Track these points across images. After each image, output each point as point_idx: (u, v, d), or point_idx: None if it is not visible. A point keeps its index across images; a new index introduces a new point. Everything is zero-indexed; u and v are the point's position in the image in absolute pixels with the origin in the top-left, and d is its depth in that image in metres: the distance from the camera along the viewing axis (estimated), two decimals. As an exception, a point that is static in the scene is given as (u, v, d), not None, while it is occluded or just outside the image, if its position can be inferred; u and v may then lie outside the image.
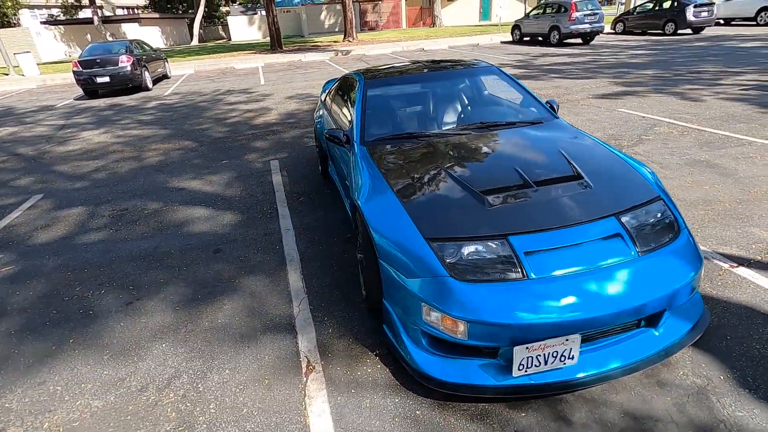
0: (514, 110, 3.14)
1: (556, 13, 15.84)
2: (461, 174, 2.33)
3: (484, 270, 1.83)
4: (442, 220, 2.03)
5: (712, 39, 14.63)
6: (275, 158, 5.45)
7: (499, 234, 1.92)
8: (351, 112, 3.24)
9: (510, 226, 1.95)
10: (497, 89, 3.37)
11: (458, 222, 2.01)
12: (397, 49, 18.09)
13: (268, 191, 4.42)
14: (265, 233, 3.54)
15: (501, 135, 2.78)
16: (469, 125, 2.93)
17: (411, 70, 3.40)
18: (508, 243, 1.89)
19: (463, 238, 1.92)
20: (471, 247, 1.89)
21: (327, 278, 2.86)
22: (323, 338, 2.32)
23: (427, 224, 2.00)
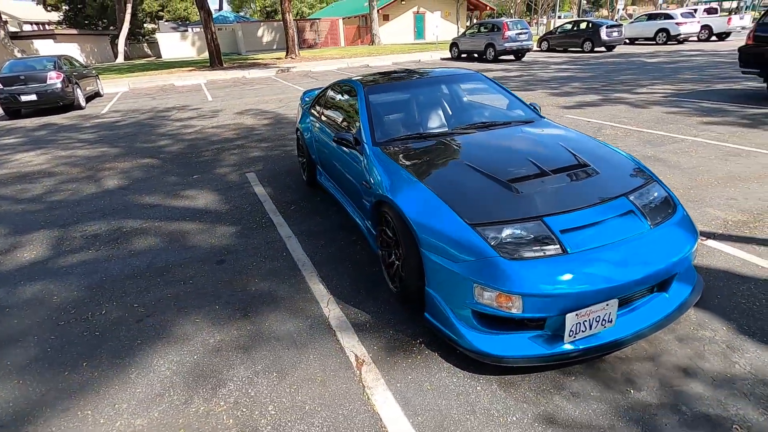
0: (507, 111, 3.41)
1: (490, 32, 17.03)
2: (481, 166, 2.50)
3: (527, 249, 1.99)
4: (478, 207, 2.18)
5: (623, 56, 16.50)
6: (250, 171, 5.34)
7: (535, 216, 2.10)
8: (354, 117, 3.32)
9: (541, 209, 2.14)
10: (485, 93, 3.63)
11: (494, 208, 2.16)
12: (342, 66, 18.38)
13: (255, 202, 4.33)
14: (266, 241, 3.48)
15: (503, 132, 3.01)
16: (471, 125, 3.13)
17: (406, 78, 3.57)
18: (544, 223, 2.07)
19: (503, 222, 2.08)
20: (511, 229, 2.05)
21: (346, 279, 2.88)
22: (363, 333, 2.35)
23: (467, 211, 2.13)
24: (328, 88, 4.08)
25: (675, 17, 20.03)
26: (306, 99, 4.81)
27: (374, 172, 2.71)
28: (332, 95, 3.96)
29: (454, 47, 19.27)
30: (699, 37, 20.68)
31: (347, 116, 3.51)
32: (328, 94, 4.00)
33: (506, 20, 16.65)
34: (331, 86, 4.05)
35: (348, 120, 3.46)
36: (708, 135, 5.57)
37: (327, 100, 3.97)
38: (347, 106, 3.59)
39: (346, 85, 3.73)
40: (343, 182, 3.46)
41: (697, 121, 6.33)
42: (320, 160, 4.04)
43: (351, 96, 3.56)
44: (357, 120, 3.23)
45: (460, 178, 2.43)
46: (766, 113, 6.50)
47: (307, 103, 4.58)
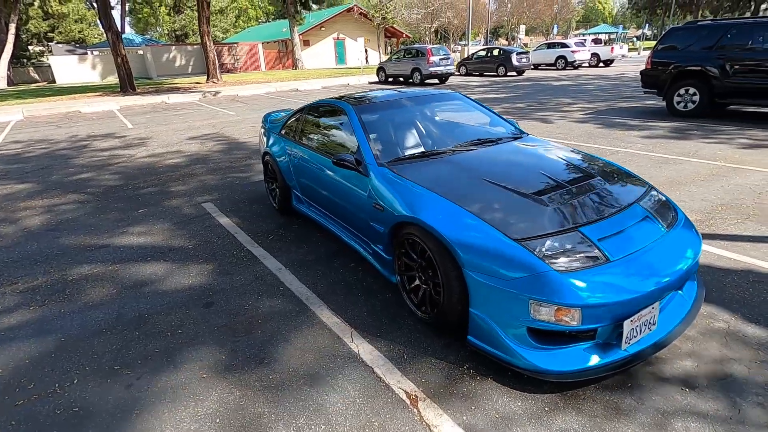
0: (495, 127, 3.49)
1: (415, 57, 17.83)
2: (500, 181, 2.51)
3: (574, 260, 2.00)
4: (516, 221, 2.16)
5: (533, 79, 18.23)
6: (206, 201, 4.87)
7: (572, 227, 2.13)
8: (346, 139, 3.18)
9: (574, 219, 2.18)
10: (467, 111, 3.69)
11: (531, 221, 2.16)
12: (271, 90, 17.96)
13: (225, 234, 3.93)
14: (255, 277, 3.14)
15: (503, 148, 3.07)
16: (470, 142, 3.15)
17: (392, 98, 3.52)
18: (582, 233, 2.10)
19: (545, 235, 2.07)
20: (553, 242, 2.05)
21: (361, 309, 2.69)
22: (404, 366, 2.18)
23: (507, 227, 2.10)
24: (304, 110, 3.89)
25: (570, 46, 22.71)
26: (271, 122, 4.54)
27: (386, 194, 2.59)
28: (313, 117, 3.77)
29: (381, 71, 19.84)
30: (590, 63, 23.59)
31: (337, 138, 3.36)
32: (307, 117, 3.80)
33: (429, 47, 17.58)
34: (307, 108, 3.87)
35: (339, 142, 3.31)
36: (636, 147, 6.26)
37: (306, 123, 3.77)
38: (335, 128, 3.44)
39: (330, 106, 3.58)
40: (336, 207, 3.27)
41: (622, 134, 7.11)
42: (300, 185, 3.80)
43: (338, 117, 3.41)
44: (351, 142, 3.10)
45: (486, 194, 2.40)
46: (675, 126, 7.50)
47: (275, 126, 4.32)
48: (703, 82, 7.78)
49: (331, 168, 3.15)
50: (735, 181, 4.64)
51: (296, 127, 3.86)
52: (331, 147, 3.34)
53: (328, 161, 3.21)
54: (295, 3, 26.78)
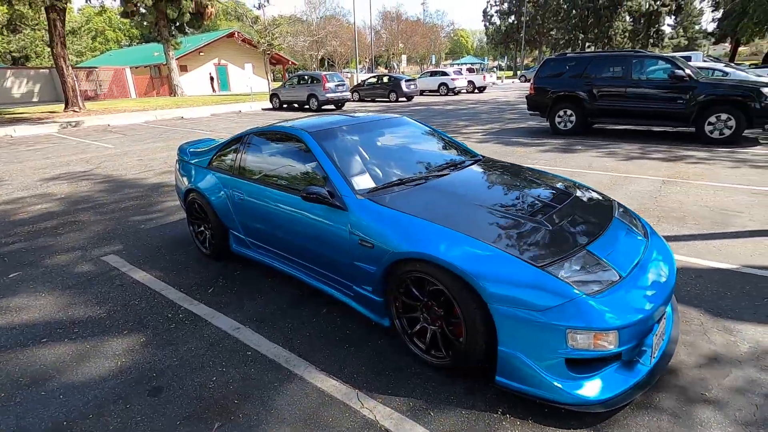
0: (454, 150, 3.44)
1: (310, 84, 17.68)
2: (492, 205, 2.42)
3: (595, 281, 1.96)
4: (529, 247, 2.06)
5: (423, 104, 19.41)
6: (107, 254, 3.96)
7: (579, 246, 2.11)
8: (306, 169, 2.83)
9: (576, 239, 2.17)
10: (420, 135, 3.59)
11: (542, 246, 2.09)
12: (150, 118, 16.12)
13: (147, 294, 3.19)
14: (208, 343, 2.55)
15: (475, 171, 3.01)
16: (440, 167, 3.03)
17: (348, 123, 3.25)
18: (589, 252, 2.10)
19: (561, 258, 2.01)
20: (570, 264, 2.00)
21: (356, 363, 2.33)
22: (435, 425, 1.89)
23: (524, 253, 1.99)
24: (243, 139, 3.38)
25: (450, 74, 24.85)
26: (191, 154, 3.90)
27: (376, 229, 2.31)
28: (257, 147, 3.29)
29: (274, 98, 19.23)
30: (467, 90, 26.06)
31: (293, 170, 2.96)
32: (249, 147, 3.31)
33: (324, 73, 17.61)
34: (246, 137, 3.37)
35: (296, 174, 2.92)
36: (541, 162, 6.90)
37: (249, 154, 3.28)
38: (289, 158, 3.04)
39: (279, 133, 3.18)
40: (300, 248, 2.85)
41: (524, 151, 7.80)
42: (244, 226, 3.27)
43: (291, 145, 3.04)
44: (313, 173, 2.76)
45: (486, 220, 2.28)
46: (562, 143, 8.49)
47: (200, 159, 3.71)
48: (577, 105, 9.01)
49: (294, 204, 2.76)
50: (631, 188, 5.33)
51: (234, 158, 3.34)
52: (289, 180, 2.94)
53: (288, 196, 2.81)
54: (168, 26, 24.76)
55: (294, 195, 2.78)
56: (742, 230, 3.87)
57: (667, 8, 51.32)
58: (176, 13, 23.40)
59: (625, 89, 8.33)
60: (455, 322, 2.12)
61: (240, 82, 34.37)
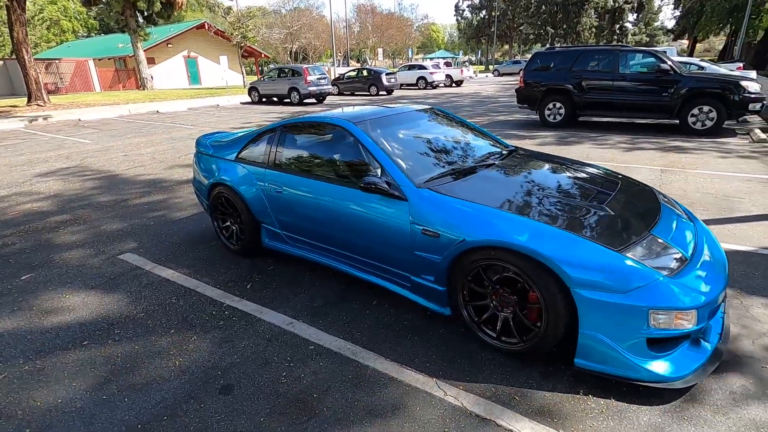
0: (491, 141, 3.46)
1: (292, 77, 17.35)
2: (552, 193, 2.48)
3: (669, 263, 2.04)
4: (600, 231, 2.12)
5: (405, 97, 19.43)
6: (124, 252, 3.79)
7: (645, 231, 2.19)
8: (355, 160, 2.79)
9: (640, 224, 2.25)
10: (451, 126, 3.59)
11: (613, 231, 2.15)
12: (123, 113, 15.42)
13: (181, 292, 3.07)
14: (266, 339, 2.49)
15: (520, 161, 3.05)
16: (484, 156, 3.05)
17: (385, 113, 3.22)
18: (654, 236, 2.18)
19: (633, 242, 2.08)
20: (641, 248, 2.07)
21: (424, 351, 2.33)
22: (523, 408, 1.92)
23: (600, 238, 2.05)
24: (277, 130, 3.28)
25: (428, 68, 24.96)
26: (213, 146, 3.76)
27: (442, 218, 2.30)
28: (296, 137, 3.21)
29: (253, 91, 18.77)
30: (445, 84, 26.25)
31: (339, 161, 2.92)
32: (286, 138, 3.21)
33: (305, 66, 17.32)
34: (281, 128, 3.27)
35: (344, 165, 2.87)
36: (540, 154, 7.05)
37: (286, 145, 3.19)
38: (334, 149, 2.99)
39: (320, 124, 3.12)
40: (349, 240, 2.80)
41: (520, 144, 7.94)
42: (280, 219, 3.20)
43: (336, 136, 2.99)
44: (361, 163, 2.73)
45: (551, 207, 2.33)
46: (555, 135, 8.69)
47: (224, 151, 3.59)
48: (566, 98, 9.25)
49: (344, 195, 2.72)
50: (634, 177, 5.52)
51: (269, 150, 3.25)
52: (335, 171, 2.89)
53: (336, 188, 2.77)
54: (135, 15, 23.65)
55: (342, 186, 2.75)
56: (748, 215, 4.10)
57: (630, 5, 53.22)
58: (146, 2, 22.38)
59: (613, 82, 8.62)
60: (530, 308, 2.16)
61: (212, 76, 33.33)
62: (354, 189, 2.67)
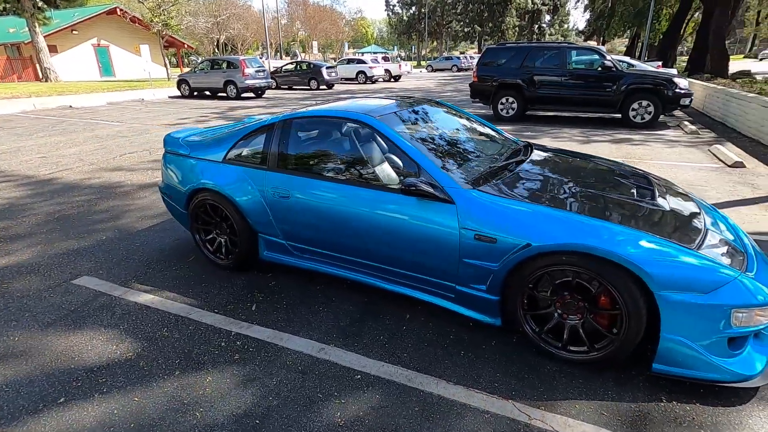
0: (503, 137, 3.30)
1: (227, 69, 16.18)
2: (601, 191, 2.39)
3: (736, 259, 2.01)
4: (668, 230, 2.05)
5: (348, 92, 19.00)
6: (77, 275, 3.13)
7: (702, 227, 2.16)
8: (377, 158, 2.49)
9: (694, 220, 2.22)
10: (460, 120, 3.39)
11: (675, 228, 2.09)
12: (27, 107, 13.40)
13: (173, 321, 2.56)
14: (299, 373, 2.11)
15: (548, 158, 2.94)
16: (509, 153, 2.88)
17: (407, 107, 2.93)
18: (711, 231, 2.15)
19: (700, 240, 2.03)
20: (708, 245, 2.02)
21: (485, 370, 2.11)
22: (611, 422, 1.78)
23: (671, 237, 1.97)
24: (276, 126, 2.84)
25: (367, 62, 24.70)
26: (189, 146, 3.21)
27: (497, 222, 2.10)
28: (303, 134, 2.80)
29: (183, 84, 17.24)
30: (384, 78, 26.18)
31: (362, 160, 2.59)
32: (290, 134, 2.79)
33: (242, 58, 16.23)
34: (282, 123, 2.83)
35: (367, 165, 2.55)
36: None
37: (291, 143, 2.77)
38: (353, 147, 2.65)
39: (333, 119, 2.76)
40: (376, 249, 2.49)
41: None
42: (286, 226, 2.79)
43: (356, 132, 2.66)
44: (383, 162, 2.45)
45: (609, 206, 2.23)
46: (510, 129, 8.88)
47: (210, 151, 3.06)
48: (518, 92, 9.52)
49: (372, 199, 2.40)
50: (601, 169, 5.76)
51: (269, 149, 2.81)
52: (358, 172, 2.55)
53: (364, 191, 2.45)
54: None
55: (371, 189, 2.43)
56: (718, 201, 4.40)
57: (547, 7, 57.14)
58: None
59: (562, 78, 9.01)
60: (600, 314, 2.03)
61: (128, 67, 30.27)
62: (387, 192, 2.38)
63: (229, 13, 32.13)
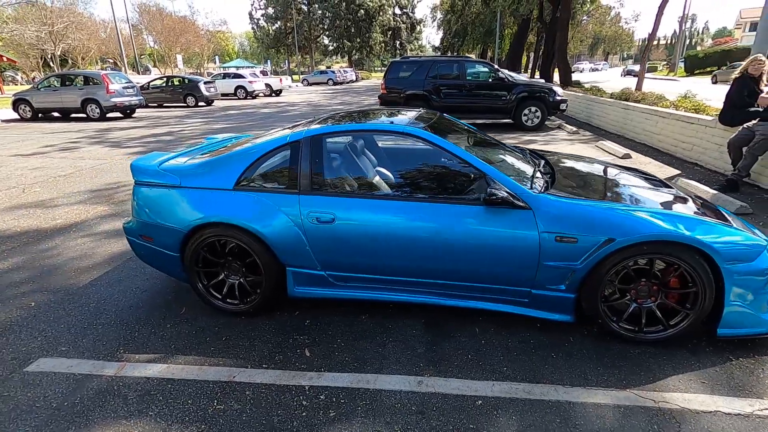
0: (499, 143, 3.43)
1: (85, 86, 13.75)
2: (628, 185, 2.66)
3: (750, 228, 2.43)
4: (705, 213, 2.39)
5: (232, 108, 17.81)
6: (30, 358, 2.32)
7: (715, 207, 2.57)
8: (436, 171, 2.40)
9: (701, 201, 2.64)
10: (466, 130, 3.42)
11: (704, 210, 2.45)
12: None
13: (214, 392, 2.06)
14: (416, 413, 1.89)
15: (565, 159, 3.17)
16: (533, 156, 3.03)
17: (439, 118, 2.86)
18: (719, 211, 2.57)
19: (725, 217, 2.41)
20: (734, 222, 2.42)
21: (593, 367, 2.17)
22: (720, 391, 1.99)
23: (718, 220, 2.28)
24: (301, 145, 2.46)
25: (246, 77, 23.52)
26: (171, 174, 2.61)
27: (576, 222, 2.19)
28: (338, 151, 2.51)
29: (23, 105, 14.10)
30: (265, 93, 25.22)
31: (415, 174, 2.44)
32: (322, 152, 2.45)
33: (104, 72, 13.98)
34: (310, 139, 2.48)
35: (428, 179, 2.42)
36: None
37: (325, 162, 2.45)
38: (400, 161, 2.48)
39: (372, 131, 2.55)
40: (440, 265, 2.36)
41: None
42: (326, 255, 2.47)
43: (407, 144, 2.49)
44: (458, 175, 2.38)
45: (647, 196, 2.51)
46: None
47: (212, 178, 2.54)
48: (427, 102, 10.08)
49: (449, 214, 2.30)
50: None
51: (298, 169, 2.44)
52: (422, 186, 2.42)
53: (432, 206, 2.33)
54: None
55: (438, 203, 2.33)
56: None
57: (405, 25, 61.71)
58: None
59: (463, 89, 9.82)
60: (673, 294, 2.25)
61: None
62: (459, 205, 2.30)
63: (67, 21, 27.15)
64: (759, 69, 4.79)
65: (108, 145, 9.14)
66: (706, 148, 6.05)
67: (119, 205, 5.01)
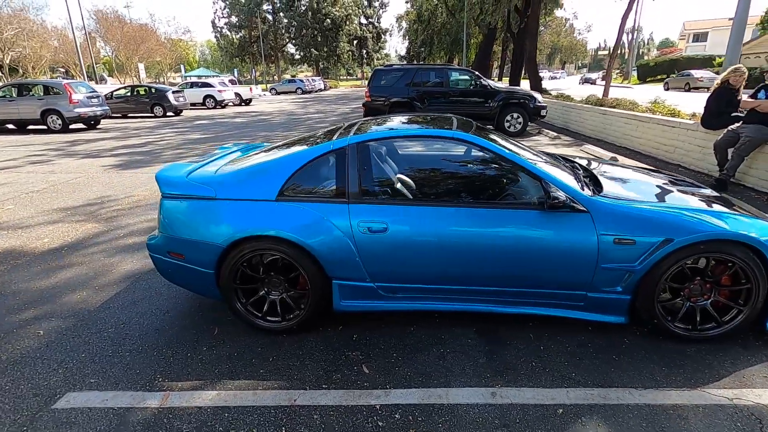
0: None
1: (44, 96, 12.92)
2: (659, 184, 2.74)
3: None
4: (743, 209, 2.47)
5: (202, 118, 17.26)
6: (56, 393, 2.08)
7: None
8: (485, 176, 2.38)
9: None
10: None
11: (736, 208, 2.53)
12: None
13: (275, 416, 1.91)
14: (501, 425, 1.82)
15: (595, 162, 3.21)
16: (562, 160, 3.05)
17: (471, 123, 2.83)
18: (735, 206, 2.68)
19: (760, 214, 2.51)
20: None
21: (659, 367, 2.17)
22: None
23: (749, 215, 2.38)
24: (349, 149, 2.38)
25: (215, 86, 22.88)
26: (205, 185, 2.44)
27: (631, 225, 2.20)
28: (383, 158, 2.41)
29: (-29, 116, 13.07)
30: (235, 102, 24.63)
31: (468, 180, 2.39)
32: (370, 158, 2.36)
33: (65, 81, 13.20)
34: (357, 146, 2.39)
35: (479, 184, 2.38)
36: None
37: (374, 170, 2.36)
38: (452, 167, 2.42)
39: (420, 137, 2.49)
40: (499, 272, 2.32)
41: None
42: (376, 266, 2.36)
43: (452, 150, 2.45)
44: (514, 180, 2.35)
45: (682, 196, 2.57)
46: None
47: (243, 188, 2.39)
48: (411, 109, 10.12)
49: (498, 219, 2.26)
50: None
51: (345, 178, 2.34)
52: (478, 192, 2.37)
53: (486, 212, 2.29)
54: None
55: (497, 209, 2.30)
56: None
57: (371, 34, 62.26)
58: None
59: (446, 96, 9.94)
60: (724, 291, 2.30)
61: None
62: (518, 210, 2.27)
63: (17, 28, 25.43)
64: (739, 81, 5.08)
65: (80, 158, 8.59)
66: (689, 150, 6.37)
67: (108, 221, 4.68)
